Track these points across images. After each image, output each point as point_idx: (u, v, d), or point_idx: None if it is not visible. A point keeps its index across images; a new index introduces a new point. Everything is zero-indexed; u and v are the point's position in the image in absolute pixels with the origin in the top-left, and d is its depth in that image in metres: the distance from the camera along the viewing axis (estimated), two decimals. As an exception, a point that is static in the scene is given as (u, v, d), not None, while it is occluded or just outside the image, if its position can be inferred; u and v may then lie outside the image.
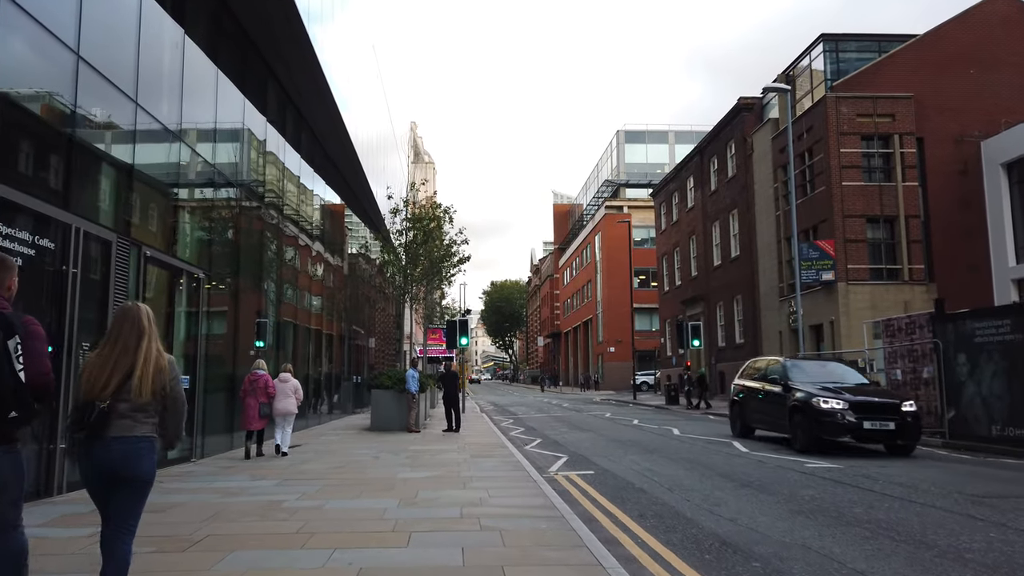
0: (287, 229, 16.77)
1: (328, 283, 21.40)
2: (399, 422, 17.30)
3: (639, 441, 14.76)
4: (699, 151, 38.02)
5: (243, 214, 13.97)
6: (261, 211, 14.91)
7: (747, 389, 15.72)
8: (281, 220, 16.29)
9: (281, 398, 11.88)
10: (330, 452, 12.40)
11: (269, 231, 15.70)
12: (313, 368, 20.13)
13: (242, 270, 13.93)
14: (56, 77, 7.88)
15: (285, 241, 16.81)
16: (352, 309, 25.97)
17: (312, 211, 19.55)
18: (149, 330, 3.61)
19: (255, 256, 14.65)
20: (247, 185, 13.94)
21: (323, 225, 20.45)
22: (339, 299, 23.35)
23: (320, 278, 20.38)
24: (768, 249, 29.99)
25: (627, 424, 20.03)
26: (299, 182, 17.92)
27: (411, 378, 16.87)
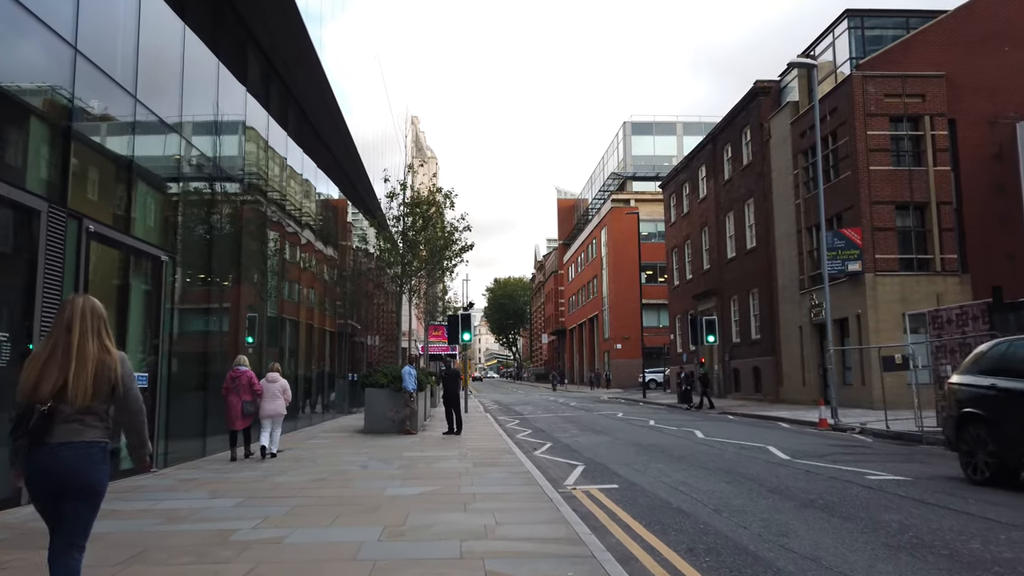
0: (273, 215, 15.27)
1: (323, 276, 19.92)
2: (395, 424, 15.82)
3: (661, 446, 13.23)
4: (711, 139, 36.44)
5: (220, 195, 12.48)
6: (242, 192, 13.41)
7: (1002, 395, 8.25)
8: (267, 205, 14.80)
9: (269, 399, 11.03)
10: (313, 460, 10.90)
11: (253, 216, 14.22)
12: (306, 366, 18.67)
13: (220, 257, 12.44)
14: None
15: (272, 228, 15.33)
16: (349, 304, 24.50)
17: (303, 197, 18.05)
18: (92, 324, 3.34)
19: (234, 242, 13.15)
20: (226, 162, 12.44)
21: (317, 214, 18.95)
22: (335, 293, 21.87)
23: (314, 270, 18.90)
24: (787, 239, 28.42)
25: (643, 425, 18.51)
26: (286, 163, 16.41)
27: (408, 376, 15.38)
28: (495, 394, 48.29)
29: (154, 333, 9.79)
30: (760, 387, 31.01)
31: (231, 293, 13.08)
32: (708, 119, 56.66)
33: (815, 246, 26.66)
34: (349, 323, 23.96)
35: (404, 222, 18.17)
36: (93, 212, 8.30)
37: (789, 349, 28.26)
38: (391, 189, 18.42)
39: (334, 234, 21.36)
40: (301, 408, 18.01)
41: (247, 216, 13.95)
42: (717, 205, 35.64)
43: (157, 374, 9.70)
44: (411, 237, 18.01)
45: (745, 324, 32.48)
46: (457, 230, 19.12)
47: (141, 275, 9.75)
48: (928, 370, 15.23)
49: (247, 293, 14.09)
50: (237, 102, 13.16)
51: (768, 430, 16.82)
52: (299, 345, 18.34)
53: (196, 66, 11.36)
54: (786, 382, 28.54)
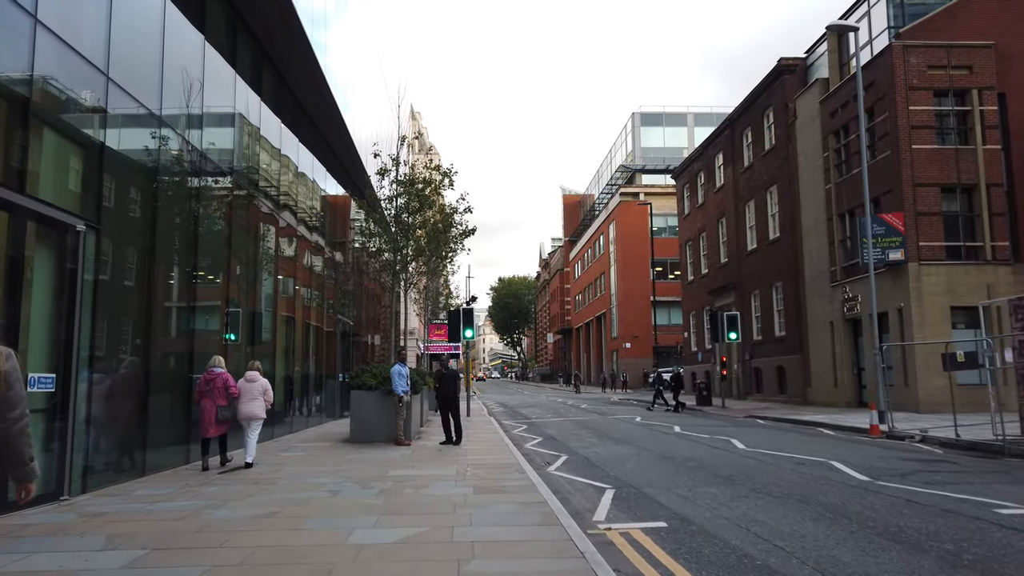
0: (245, 190, 13.15)
1: (311, 266, 17.83)
2: (384, 432, 13.69)
3: (700, 459, 11.06)
4: (729, 124, 34.22)
5: (172, 159, 10.36)
6: (202, 161, 11.29)
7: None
8: (237, 178, 12.67)
9: (247, 400, 10.13)
10: (275, 481, 8.77)
11: (222, 192, 12.12)
12: (292, 365, 16.57)
13: (177, 238, 10.35)
14: None
15: (245, 207, 13.24)
16: (343, 298, 22.39)
17: (284, 177, 15.95)
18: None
19: (191, 220, 11.03)
20: (176, 118, 10.31)
21: (302, 196, 16.85)
22: (327, 286, 19.76)
23: (300, 260, 16.81)
24: (815, 228, 26.20)
25: (668, 432, 16.34)
26: (261, 135, 14.29)
27: (398, 376, 13.25)
28: (499, 395, 46.15)
29: (64, 323, 7.66)
30: (785, 388, 28.80)
31: (192, 283, 10.98)
32: (720, 109, 54.44)
33: (848, 234, 24.47)
34: (340, 318, 21.84)
35: (397, 203, 16.02)
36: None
37: (818, 347, 26.05)
38: (382, 165, 16.31)
39: (325, 221, 19.24)
40: (284, 412, 15.94)
41: (212, 191, 11.84)
42: (736, 194, 33.43)
43: (69, 374, 7.58)
44: (405, 220, 15.88)
45: (768, 320, 30.26)
46: (457, 211, 16.98)
47: (48, 249, 7.63)
48: (1000, 369, 13.05)
49: (217, 283, 12.01)
50: (191, 45, 11.03)
51: (814, 439, 14.64)
52: (286, 343, 16.25)
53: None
54: (815, 382, 26.32)
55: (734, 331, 27.21)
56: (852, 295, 23.83)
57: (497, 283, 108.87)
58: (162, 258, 10.08)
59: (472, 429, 16.76)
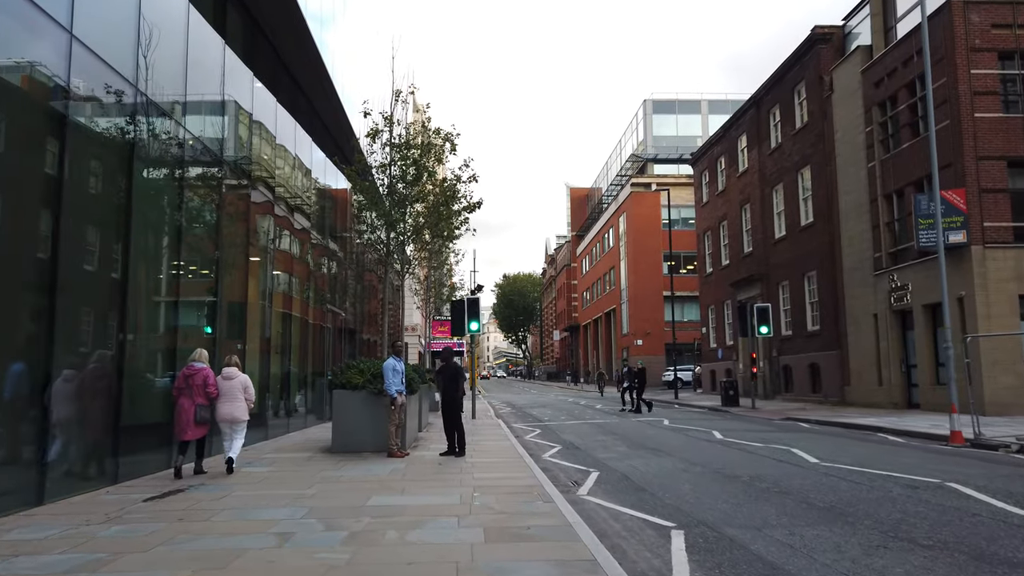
0: (211, 160, 10.79)
1: (296, 252, 15.52)
2: (374, 440, 11.33)
3: (773, 479, 8.66)
4: (754, 102, 31.74)
5: (116, 110, 8.02)
6: (156, 114, 8.92)
7: None
8: (196, 142, 10.31)
9: (226, 400, 9.04)
10: (211, 514, 6.41)
11: (181, 155, 9.77)
12: (270, 361, 14.26)
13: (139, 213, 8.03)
14: None
15: (218, 185, 10.91)
16: (338, 290, 20.08)
17: (260, 145, 13.61)
18: None
19: (133, 190, 8.69)
20: (123, 62, 7.95)
21: (284, 171, 14.50)
22: (316, 276, 17.42)
23: (285, 245, 14.50)
24: (856, 211, 23.74)
25: (709, 439, 13.93)
26: (226, 91, 11.92)
27: (391, 373, 10.88)
28: (505, 394, 43.79)
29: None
30: (818, 387, 26.36)
31: (148, 261, 8.64)
32: (735, 96, 51.93)
33: (896, 216, 22.01)
34: (332, 309, 19.47)
35: (391, 171, 13.64)
36: None
37: (859, 342, 23.60)
38: (372, 126, 13.95)
39: (320, 205, 16.89)
40: (261, 416, 13.63)
41: (167, 152, 9.51)
42: (762, 178, 30.97)
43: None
44: (400, 191, 13.52)
45: (799, 314, 27.80)
46: (460, 180, 14.54)
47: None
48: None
49: (199, 272, 9.71)
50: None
51: (889, 449, 12.23)
52: (270, 338, 13.96)
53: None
54: (855, 381, 23.87)
55: (765, 324, 24.78)
56: (901, 284, 21.37)
57: (502, 280, 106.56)
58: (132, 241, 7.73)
59: (478, 435, 14.40)
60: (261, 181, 13.54)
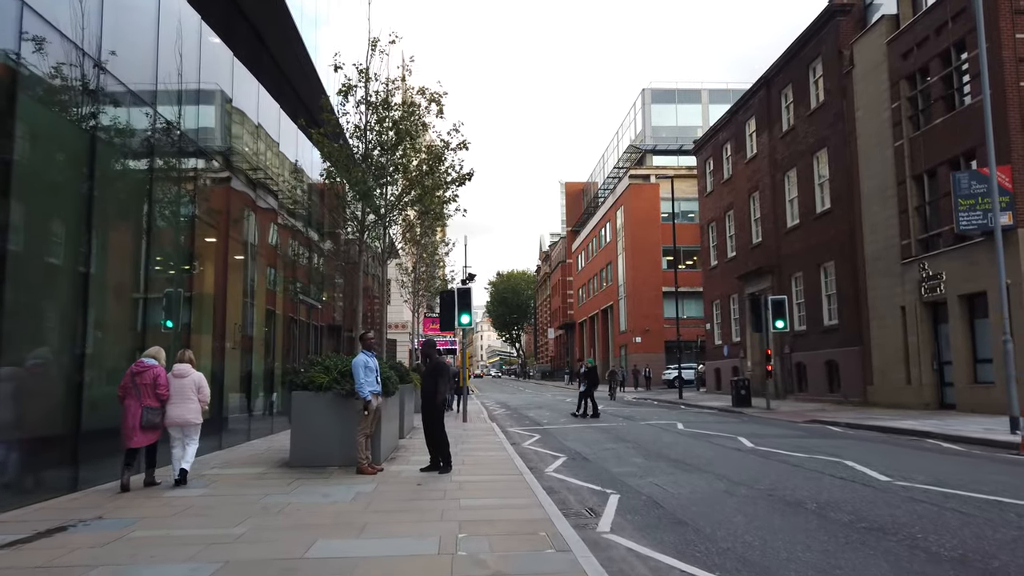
0: (157, 124, 8.76)
1: (263, 236, 13.51)
2: (342, 452, 9.33)
3: (851, 508, 6.70)
4: (764, 83, 29.83)
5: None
6: (78, 63, 6.90)
7: None
8: (135, 99, 8.28)
9: (176, 401, 7.93)
10: (83, 570, 4.39)
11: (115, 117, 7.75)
12: (237, 359, 12.26)
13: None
14: None
15: (169, 160, 8.90)
16: (315, 280, 18.06)
17: (217, 111, 11.58)
18: None
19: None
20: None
21: (240, 138, 12.48)
22: (285, 262, 15.40)
23: (249, 229, 12.50)
24: (880, 195, 21.85)
25: (738, 448, 11.96)
26: (178, 38, 9.88)
27: (363, 370, 8.88)
28: (499, 394, 41.79)
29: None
30: (836, 386, 24.47)
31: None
32: (737, 86, 50.13)
33: (928, 199, 20.12)
34: (304, 300, 17.43)
35: (366, 135, 11.61)
36: None
37: (883, 337, 21.72)
38: (345, 82, 11.90)
39: (281, 177, 14.86)
40: (220, 420, 11.65)
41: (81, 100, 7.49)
42: (772, 163, 29.06)
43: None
44: (377, 160, 11.51)
45: (814, 307, 25.91)
46: (448, 147, 12.49)
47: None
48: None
49: (121, 254, 7.73)
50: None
51: (953, 459, 10.31)
52: (238, 331, 11.95)
53: None
54: (879, 380, 21.99)
55: (781, 318, 22.88)
56: (933, 273, 19.49)
57: (495, 278, 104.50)
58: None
59: (469, 442, 12.41)
60: (216, 152, 11.51)
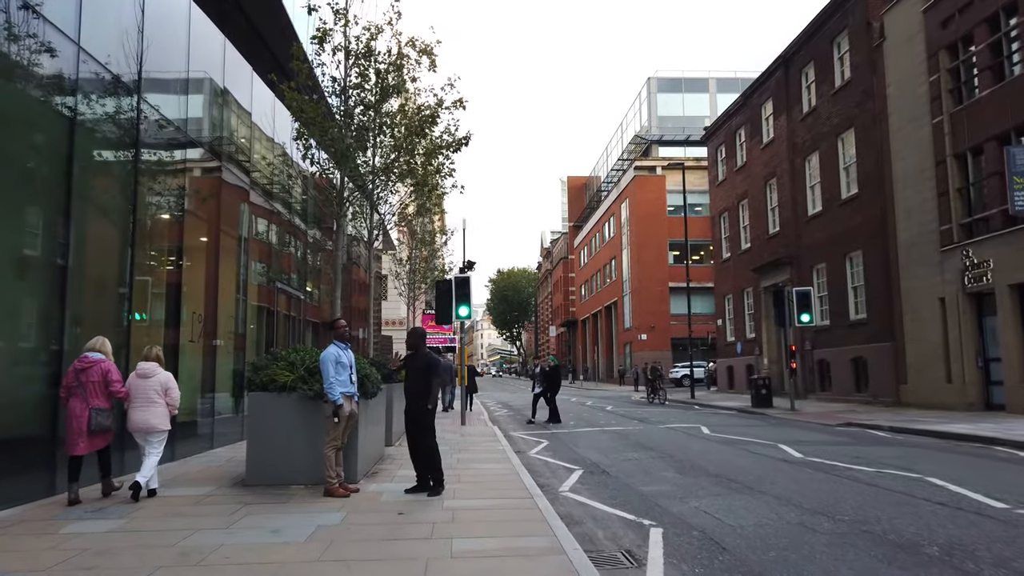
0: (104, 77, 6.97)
1: (234, 217, 11.73)
2: (309, 467, 7.54)
3: (999, 558, 4.89)
4: (782, 63, 28.00)
5: None
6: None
7: None
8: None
9: (140, 404, 6.84)
10: None
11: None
12: (194, 356, 10.47)
13: None
14: None
15: (118, 122, 7.10)
16: (301, 269, 16.27)
17: (176, 68, 9.78)
18: None
19: None
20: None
21: (222, 116, 10.68)
22: (270, 252, 13.62)
23: (223, 210, 10.71)
24: (916, 176, 20.04)
25: (786, 459, 10.15)
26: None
27: (331, 366, 7.10)
28: (500, 393, 39.99)
29: None
30: (864, 385, 22.66)
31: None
32: (745, 74, 48.33)
33: (972, 179, 18.31)
34: (282, 289, 15.63)
35: (346, 90, 9.79)
36: None
37: (919, 331, 19.91)
38: (320, 27, 10.08)
39: (250, 147, 13.07)
40: (188, 424, 9.89)
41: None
42: (791, 148, 27.25)
43: None
44: (358, 119, 9.70)
45: (839, 300, 24.09)
46: (443, 105, 10.64)
47: None
48: None
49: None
50: None
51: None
52: (214, 325, 10.15)
53: None
54: (914, 378, 20.18)
55: (806, 312, 21.11)
56: (978, 261, 17.68)
57: (496, 275, 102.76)
58: None
59: (467, 450, 10.61)
60: (171, 121, 9.70)
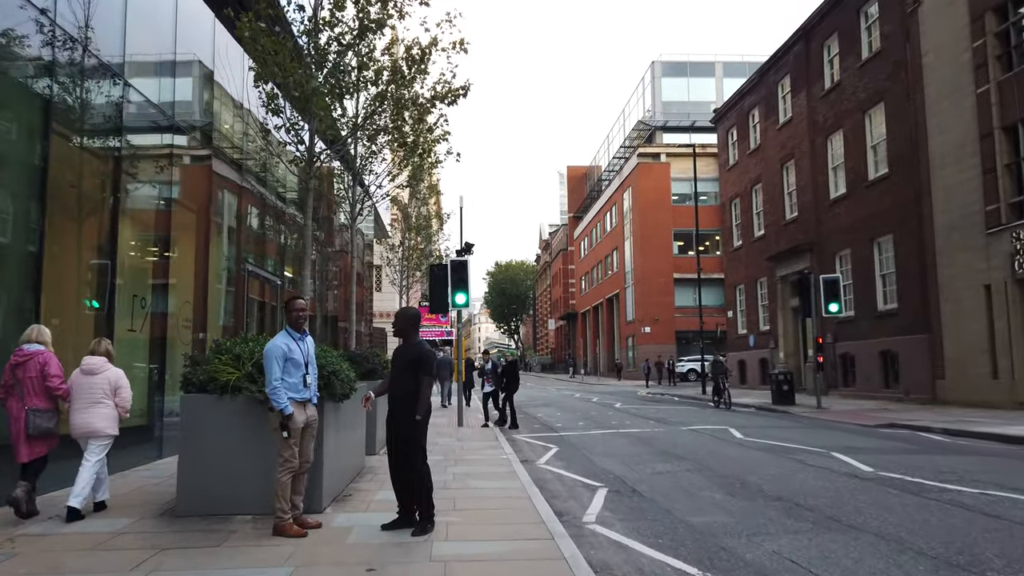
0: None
1: (196, 189, 9.93)
2: (257, 495, 5.73)
3: None
4: (802, 35, 26.14)
5: None
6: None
7: None
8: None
9: (84, 404, 5.79)
10: None
11: None
12: (137, 349, 8.69)
13: None
14: None
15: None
16: (276, 251, 14.47)
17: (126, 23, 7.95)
18: None
19: None
20: None
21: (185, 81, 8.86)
22: (239, 230, 11.81)
23: (176, 179, 8.91)
24: (957, 152, 18.26)
25: (850, 471, 8.36)
26: None
27: (276, 362, 5.28)
28: (500, 389, 38.12)
29: None
30: (893, 380, 20.91)
31: None
32: (753, 58, 46.40)
33: (1023, 154, 16.54)
34: (254, 272, 13.80)
35: (317, 24, 7.97)
36: None
37: (959, 322, 18.16)
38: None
39: (208, 109, 11.24)
40: (131, 430, 8.07)
41: None
42: (812, 126, 25.43)
43: None
44: (332, 57, 7.91)
45: (865, 289, 22.32)
46: (436, 46, 8.78)
47: None
48: None
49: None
50: None
51: None
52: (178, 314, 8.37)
53: None
54: (953, 373, 18.43)
55: (835, 301, 19.36)
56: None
57: (494, 268, 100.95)
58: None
59: (464, 461, 8.82)
60: (116, 67, 7.87)
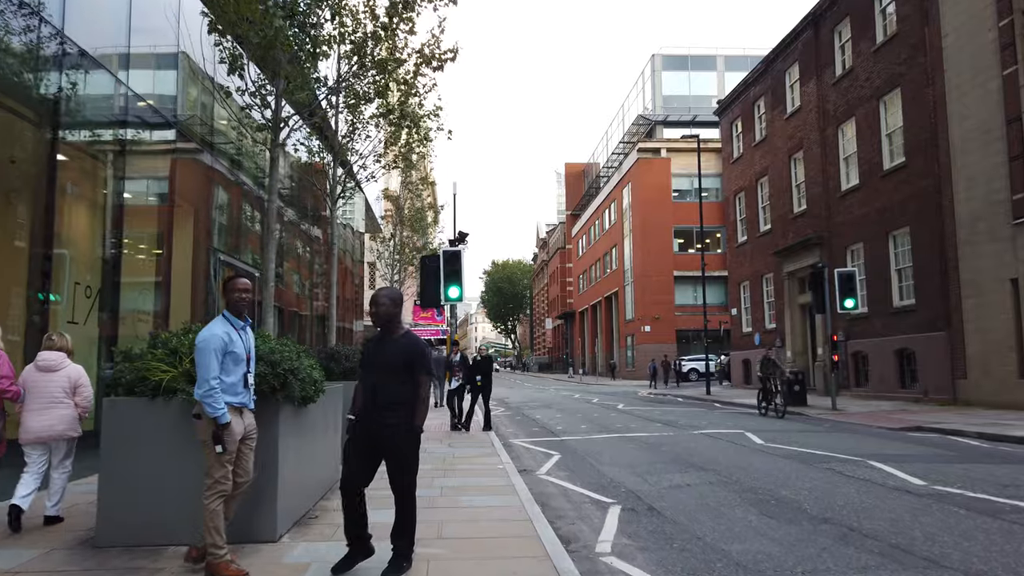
0: None
1: (162, 171, 8.83)
2: (191, 523, 4.60)
3: None
4: (812, 21, 25.09)
5: None
6: None
7: None
8: None
9: (41, 405, 5.32)
10: None
11: None
12: (82, 344, 7.63)
13: None
14: None
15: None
16: (261, 240, 13.40)
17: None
18: None
19: None
20: None
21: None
22: (207, 213, 10.71)
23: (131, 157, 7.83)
24: (980, 139, 17.22)
25: (899, 486, 7.28)
26: None
27: (211, 355, 4.15)
28: (496, 388, 37.00)
29: None
30: (910, 380, 19.87)
31: None
32: (755, 52, 45.36)
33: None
34: (228, 263, 12.68)
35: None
36: None
37: (983, 318, 17.12)
38: None
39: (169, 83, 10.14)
40: (85, 436, 6.98)
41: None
42: (822, 115, 24.38)
43: None
44: (303, 9, 6.84)
45: (880, 285, 21.26)
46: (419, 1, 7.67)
47: None
48: None
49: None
50: None
51: None
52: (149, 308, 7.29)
53: None
54: (975, 372, 17.39)
55: (851, 296, 18.34)
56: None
57: (490, 267, 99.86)
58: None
59: (456, 470, 7.71)
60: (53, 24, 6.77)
